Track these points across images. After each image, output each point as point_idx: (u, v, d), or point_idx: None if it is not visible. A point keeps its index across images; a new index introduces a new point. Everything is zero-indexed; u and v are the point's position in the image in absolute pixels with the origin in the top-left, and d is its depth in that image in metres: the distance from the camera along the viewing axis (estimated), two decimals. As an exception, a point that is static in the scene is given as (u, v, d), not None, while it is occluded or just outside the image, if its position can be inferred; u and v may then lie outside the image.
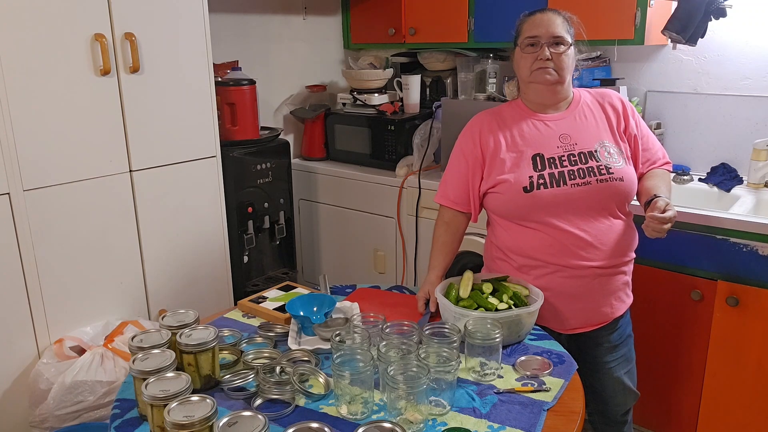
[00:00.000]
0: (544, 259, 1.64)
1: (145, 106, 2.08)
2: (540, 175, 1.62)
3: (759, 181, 2.30)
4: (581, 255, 1.62)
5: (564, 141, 1.66)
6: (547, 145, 1.66)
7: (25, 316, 1.90)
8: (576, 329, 1.70)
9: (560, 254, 1.62)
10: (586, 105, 1.72)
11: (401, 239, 2.80)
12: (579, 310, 1.67)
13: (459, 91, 2.69)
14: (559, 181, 1.61)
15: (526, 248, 1.66)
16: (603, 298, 1.68)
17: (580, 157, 1.63)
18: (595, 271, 1.63)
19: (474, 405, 1.26)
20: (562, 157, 1.64)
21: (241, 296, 2.08)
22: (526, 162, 1.64)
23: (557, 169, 1.62)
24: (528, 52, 1.64)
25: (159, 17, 2.07)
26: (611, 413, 1.84)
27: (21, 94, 1.80)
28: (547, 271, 1.64)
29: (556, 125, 1.68)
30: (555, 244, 1.62)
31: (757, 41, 2.35)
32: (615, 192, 1.62)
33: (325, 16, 3.23)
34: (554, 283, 1.63)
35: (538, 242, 1.64)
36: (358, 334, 1.38)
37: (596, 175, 1.61)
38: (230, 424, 1.04)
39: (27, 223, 1.86)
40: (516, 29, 1.70)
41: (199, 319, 1.42)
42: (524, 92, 1.73)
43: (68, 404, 1.84)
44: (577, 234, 1.61)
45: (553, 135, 1.67)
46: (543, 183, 1.61)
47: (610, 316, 1.71)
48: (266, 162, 2.64)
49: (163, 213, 2.19)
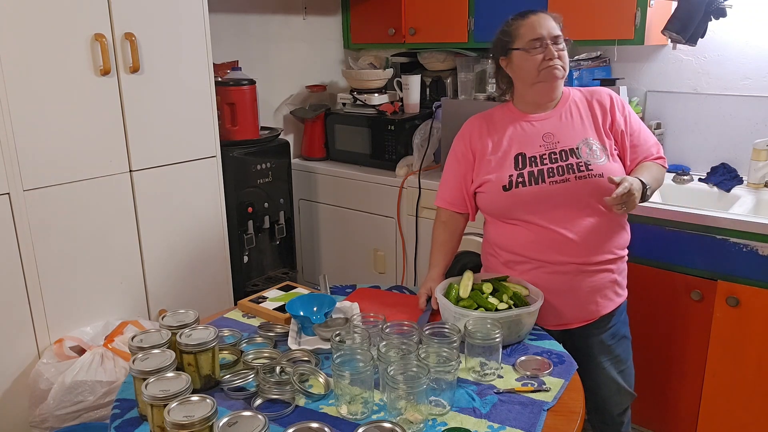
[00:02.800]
0: (527, 254, 1.67)
1: (145, 106, 2.08)
2: (519, 174, 1.66)
3: (759, 181, 2.30)
4: (562, 251, 1.64)
5: (547, 140, 1.69)
6: (530, 144, 1.69)
7: (25, 316, 1.90)
8: (562, 325, 1.71)
9: (542, 250, 1.65)
10: (574, 103, 1.74)
11: (401, 239, 2.80)
12: (563, 305, 1.69)
13: (459, 91, 2.69)
14: (538, 179, 1.64)
15: (511, 244, 1.70)
16: (587, 294, 1.69)
17: (561, 155, 1.66)
18: (578, 267, 1.65)
19: (474, 405, 1.26)
20: (543, 155, 1.67)
21: (241, 296, 2.08)
22: (509, 162, 1.69)
23: (536, 167, 1.65)
24: (535, 54, 1.64)
25: (159, 17, 2.07)
26: (608, 413, 1.84)
27: (21, 94, 1.80)
28: (531, 266, 1.68)
29: (541, 125, 1.71)
30: (537, 240, 1.66)
31: (757, 41, 2.35)
32: (594, 189, 1.63)
33: (325, 16, 3.23)
34: (538, 279, 1.65)
35: (521, 239, 1.68)
36: (358, 334, 1.38)
37: (575, 172, 1.63)
38: (230, 424, 1.04)
39: (27, 223, 1.86)
40: (507, 34, 1.70)
41: (199, 319, 1.42)
42: (522, 94, 1.74)
43: (68, 404, 1.84)
44: (557, 230, 1.64)
45: (537, 134, 1.70)
46: (522, 181, 1.65)
47: (596, 313, 1.71)
48: (266, 162, 2.64)
49: (163, 213, 2.19)
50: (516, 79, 1.73)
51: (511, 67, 1.72)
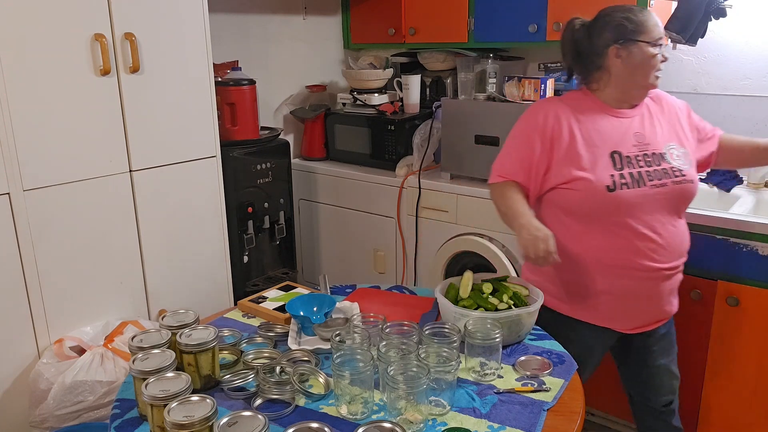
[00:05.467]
0: (615, 260, 1.60)
1: (145, 106, 2.08)
2: (620, 174, 1.56)
3: (759, 181, 2.30)
4: (652, 257, 1.60)
5: (638, 140, 1.62)
6: (624, 142, 1.60)
7: (25, 316, 1.90)
8: (637, 329, 1.70)
9: (632, 256, 1.59)
10: (646, 105, 1.68)
11: (401, 239, 2.80)
12: (643, 310, 1.67)
13: (459, 91, 2.69)
14: (639, 182, 1.57)
15: (595, 249, 1.61)
16: (666, 296, 1.68)
17: (654, 158, 1.60)
18: (663, 273, 1.62)
19: (474, 405, 1.26)
20: (637, 156, 1.59)
21: (241, 296, 2.08)
22: (604, 159, 1.58)
23: (635, 169, 1.58)
24: (657, 52, 1.56)
25: (159, 17, 2.07)
26: (655, 402, 1.85)
27: (21, 94, 1.80)
28: (613, 272, 1.61)
29: (630, 122, 1.63)
30: (628, 245, 1.59)
31: (757, 41, 2.35)
32: (687, 194, 1.62)
33: (325, 16, 3.23)
34: (621, 285, 1.61)
35: (609, 243, 1.59)
36: (358, 334, 1.38)
37: (671, 177, 1.59)
38: (230, 424, 1.04)
39: (27, 223, 1.86)
40: (633, 22, 1.56)
41: (199, 319, 1.42)
42: (617, 88, 1.62)
43: (68, 404, 1.84)
44: (650, 236, 1.59)
45: (628, 133, 1.62)
46: (625, 183, 1.56)
47: (669, 313, 1.73)
48: (266, 162, 2.64)
49: (163, 213, 2.19)
50: (622, 71, 1.60)
51: (624, 58, 1.58)
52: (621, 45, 1.57)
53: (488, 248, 2.42)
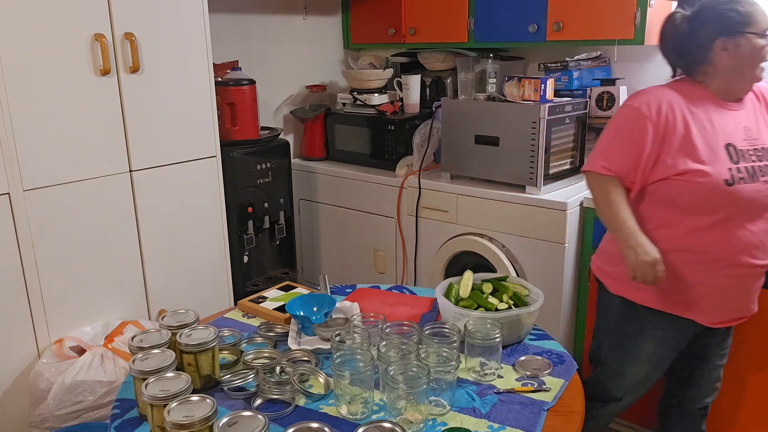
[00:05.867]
0: (720, 254, 1.55)
1: (145, 106, 2.08)
2: (738, 168, 1.51)
3: (759, 181, 2.29)
4: (754, 254, 1.56)
5: (747, 134, 1.57)
6: (736, 135, 1.55)
7: (25, 316, 1.90)
8: (720, 323, 1.66)
9: (737, 251, 1.55)
10: (749, 99, 1.63)
11: (401, 239, 2.80)
12: (733, 306, 1.64)
13: (459, 91, 2.69)
14: (753, 177, 1.52)
15: (700, 242, 1.56)
16: (753, 294, 1.65)
17: (764, 153, 1.56)
18: (758, 270, 1.59)
19: (474, 405, 1.26)
20: (749, 150, 1.55)
21: (241, 296, 2.08)
22: (721, 152, 1.52)
23: (748, 164, 1.53)
24: (765, 44, 1.51)
25: (159, 17, 2.07)
26: (696, 403, 1.84)
27: (21, 94, 1.80)
28: (713, 267, 1.56)
29: (738, 116, 1.58)
30: (735, 241, 1.54)
31: (757, 41, 2.34)
32: None
33: (325, 16, 3.23)
34: (721, 279, 1.57)
35: (717, 237, 1.54)
36: (358, 334, 1.38)
37: None
38: (230, 424, 1.04)
39: (27, 223, 1.86)
40: (741, 14, 1.51)
41: (199, 319, 1.42)
42: (726, 81, 1.57)
43: (68, 404, 1.84)
44: (755, 232, 1.55)
45: (739, 126, 1.57)
46: (742, 177, 1.51)
47: (752, 311, 1.68)
48: (266, 162, 2.64)
49: (163, 213, 2.19)
50: (729, 64, 1.54)
51: (732, 51, 1.52)
52: (728, 38, 1.52)
53: (488, 248, 2.42)
